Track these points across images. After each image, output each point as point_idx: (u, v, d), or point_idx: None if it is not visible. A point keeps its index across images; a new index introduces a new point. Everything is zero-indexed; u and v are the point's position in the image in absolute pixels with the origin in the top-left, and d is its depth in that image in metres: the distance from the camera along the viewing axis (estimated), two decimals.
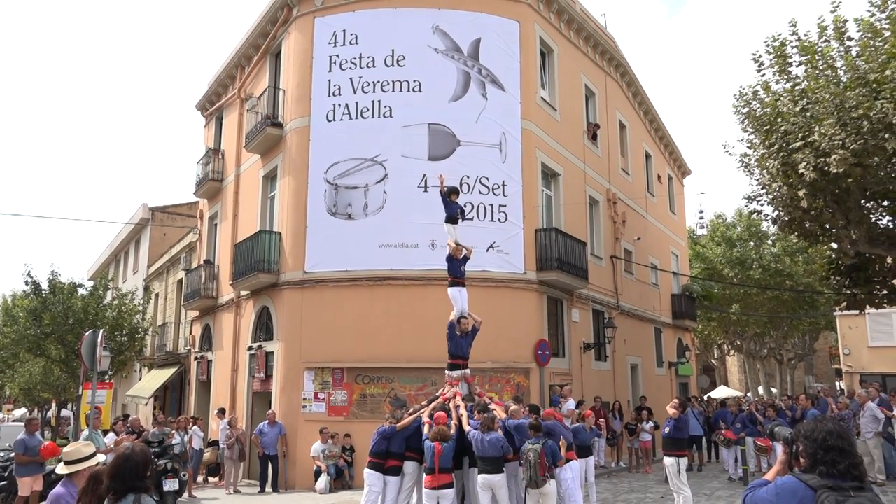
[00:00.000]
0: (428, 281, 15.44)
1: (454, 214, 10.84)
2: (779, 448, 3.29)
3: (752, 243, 34.85)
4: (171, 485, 11.66)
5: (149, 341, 30.43)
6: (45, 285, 26.25)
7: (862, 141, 11.75)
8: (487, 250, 15.93)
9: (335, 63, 17.14)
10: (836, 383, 31.97)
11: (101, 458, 4.56)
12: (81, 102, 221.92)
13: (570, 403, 15.93)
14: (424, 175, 16.18)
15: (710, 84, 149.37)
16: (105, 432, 13.29)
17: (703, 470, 17.25)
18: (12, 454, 13.85)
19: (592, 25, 21.57)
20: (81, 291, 27.51)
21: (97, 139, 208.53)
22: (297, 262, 16.54)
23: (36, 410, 49.16)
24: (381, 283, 15.96)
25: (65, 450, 4.45)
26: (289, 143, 17.43)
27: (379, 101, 16.72)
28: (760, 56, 14.22)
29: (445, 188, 10.89)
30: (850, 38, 13.09)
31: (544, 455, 8.57)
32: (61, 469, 4.39)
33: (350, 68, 17.01)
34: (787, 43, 13.83)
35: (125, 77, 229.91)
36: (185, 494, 14.15)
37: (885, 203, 14.52)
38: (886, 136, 11.55)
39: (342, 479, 14.94)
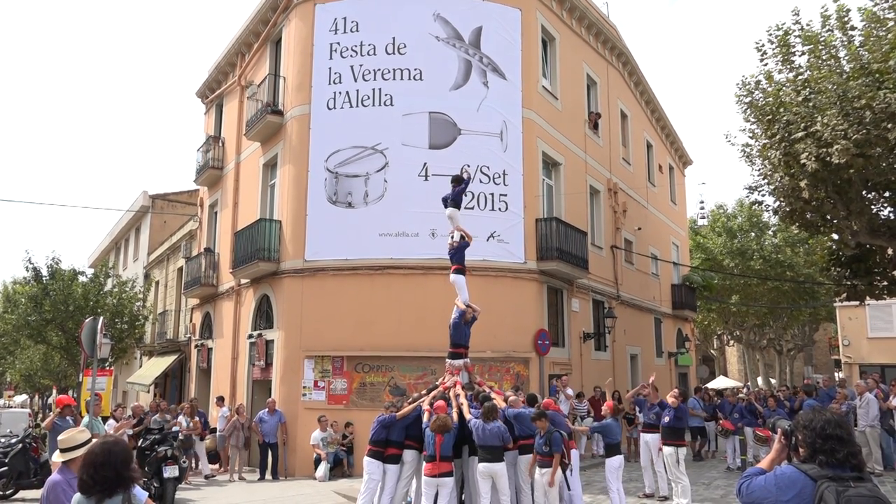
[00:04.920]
0: (428, 270, 15.45)
1: (458, 199, 10.88)
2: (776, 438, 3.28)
3: (752, 234, 34.83)
4: (171, 471, 11.67)
5: (149, 329, 30.47)
6: (45, 272, 26.28)
7: (864, 131, 11.70)
8: (488, 240, 15.91)
9: (336, 51, 17.06)
10: (836, 374, 31.98)
11: None
12: (82, 90, 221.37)
13: (570, 390, 16.07)
14: (425, 164, 16.15)
15: (712, 73, 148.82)
16: (105, 419, 13.30)
17: (702, 459, 17.26)
18: (13, 440, 13.92)
19: (594, 14, 21.46)
20: (82, 278, 27.55)
21: (98, 126, 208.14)
22: (297, 251, 16.53)
23: (37, 397, 49.42)
24: (382, 272, 15.95)
25: (60, 437, 4.45)
26: (289, 131, 17.38)
27: (379, 90, 16.65)
28: (763, 45, 14.15)
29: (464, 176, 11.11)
30: (853, 28, 13.01)
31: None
32: (57, 457, 4.40)
33: (351, 56, 16.94)
34: (789, 32, 13.75)
35: (125, 64, 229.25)
36: (204, 477, 14.23)
37: (887, 194, 14.49)
38: (889, 126, 11.50)
39: (342, 467, 15.00)
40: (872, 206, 14.70)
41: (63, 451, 4.34)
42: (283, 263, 16.80)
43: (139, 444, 12.56)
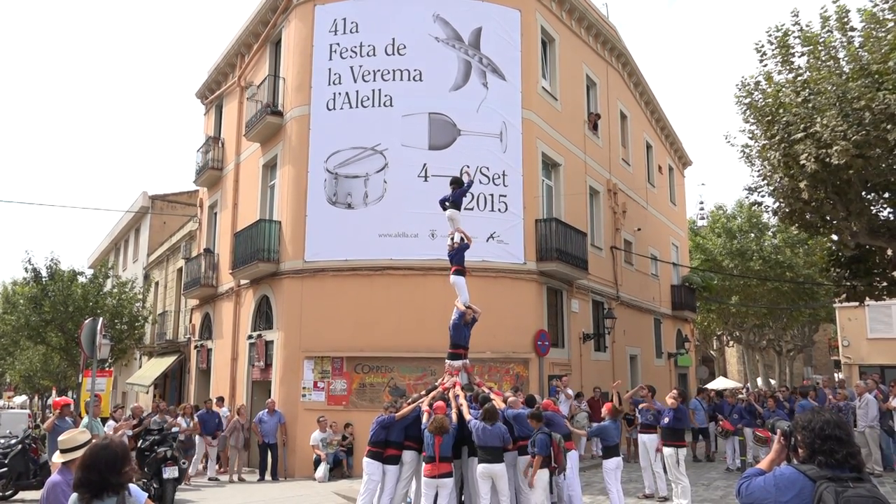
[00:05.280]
0: (428, 270, 15.45)
1: (459, 201, 10.92)
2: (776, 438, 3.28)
3: (752, 234, 34.82)
4: (170, 472, 11.66)
5: (149, 329, 30.46)
6: (44, 273, 26.27)
7: (863, 132, 11.70)
8: (487, 240, 15.91)
9: (335, 51, 17.06)
10: (835, 374, 31.99)
11: None
12: (82, 90, 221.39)
13: (570, 391, 16.07)
14: (425, 164, 16.15)
15: (711, 73, 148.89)
16: (104, 420, 13.30)
17: (712, 461, 17.20)
18: (13, 441, 13.92)
19: (594, 14, 21.47)
20: (81, 279, 27.54)
21: (98, 127, 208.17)
22: (296, 251, 16.53)
23: (37, 398, 49.39)
24: (381, 273, 15.95)
25: (60, 438, 4.46)
26: (289, 132, 17.39)
27: (379, 90, 16.65)
28: (763, 46, 14.15)
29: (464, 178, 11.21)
30: (852, 29, 13.01)
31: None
32: (57, 457, 4.40)
33: (350, 57, 16.94)
34: (789, 33, 13.75)
35: (125, 65, 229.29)
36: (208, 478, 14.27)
37: (886, 195, 14.48)
38: (888, 127, 11.50)
39: (341, 467, 14.99)
40: (872, 207, 14.70)
41: (63, 451, 4.35)
42: (283, 264, 16.80)
43: (139, 444, 12.56)
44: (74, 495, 3.61)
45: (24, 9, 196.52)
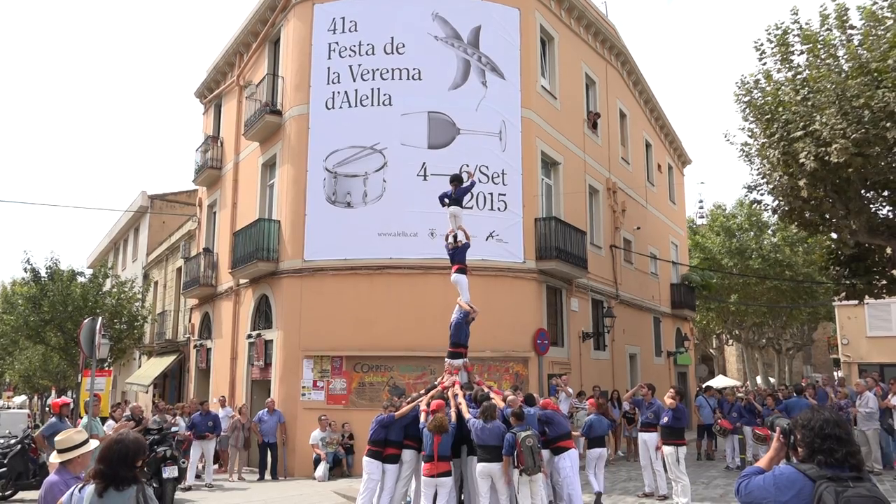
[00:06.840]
0: (427, 269, 15.44)
1: (461, 198, 10.96)
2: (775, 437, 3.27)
3: (751, 233, 34.84)
4: (170, 472, 11.65)
5: (148, 329, 30.45)
6: (44, 273, 26.26)
7: (863, 130, 11.71)
8: (487, 239, 15.90)
9: (334, 50, 17.05)
10: (835, 373, 32.02)
11: (94, 443, 4.57)
12: (81, 90, 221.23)
13: (570, 389, 16.04)
14: (424, 163, 16.14)
15: (711, 72, 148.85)
16: (104, 419, 13.28)
17: (712, 459, 17.19)
18: (12, 440, 13.91)
19: (593, 13, 21.45)
20: (81, 279, 27.52)
21: (96, 126, 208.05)
22: (296, 251, 16.52)
23: (36, 398, 49.39)
24: (381, 272, 15.95)
25: (56, 438, 4.46)
26: (288, 131, 17.37)
27: (378, 89, 16.64)
28: (762, 44, 14.15)
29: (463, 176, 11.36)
30: (851, 27, 13.02)
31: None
32: (55, 458, 4.40)
33: (349, 56, 16.93)
34: (788, 31, 13.75)
35: (124, 64, 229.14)
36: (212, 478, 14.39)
37: (886, 193, 14.49)
38: (887, 125, 11.52)
39: (341, 467, 14.99)
40: (871, 206, 14.70)
41: (60, 451, 4.34)
42: (282, 263, 16.79)
43: None
44: (91, 487, 3.65)
45: (23, 9, 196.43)
